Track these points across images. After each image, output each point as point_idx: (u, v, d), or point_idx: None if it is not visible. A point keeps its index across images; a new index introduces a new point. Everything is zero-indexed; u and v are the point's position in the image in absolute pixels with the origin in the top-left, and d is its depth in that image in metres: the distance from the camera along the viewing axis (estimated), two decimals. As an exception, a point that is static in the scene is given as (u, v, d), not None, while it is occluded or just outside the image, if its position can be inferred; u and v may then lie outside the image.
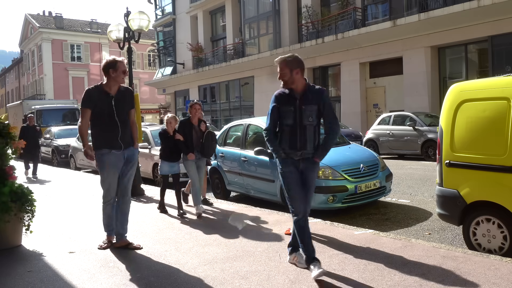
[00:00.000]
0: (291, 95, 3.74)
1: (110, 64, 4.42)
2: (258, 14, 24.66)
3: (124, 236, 4.72)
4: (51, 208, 7.33)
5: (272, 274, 3.74)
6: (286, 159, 3.74)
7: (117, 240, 4.72)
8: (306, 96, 3.73)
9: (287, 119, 3.71)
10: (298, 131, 3.70)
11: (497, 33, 14.84)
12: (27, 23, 49.39)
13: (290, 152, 3.73)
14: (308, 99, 3.72)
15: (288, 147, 3.73)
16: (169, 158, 6.53)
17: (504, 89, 4.13)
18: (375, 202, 6.96)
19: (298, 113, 3.68)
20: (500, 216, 4.11)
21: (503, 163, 3.99)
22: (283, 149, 3.74)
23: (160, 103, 39.45)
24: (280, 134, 3.79)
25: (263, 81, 24.35)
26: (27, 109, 23.96)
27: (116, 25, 9.06)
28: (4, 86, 63.94)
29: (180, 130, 6.42)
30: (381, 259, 3.98)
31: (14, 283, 3.81)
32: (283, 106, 3.72)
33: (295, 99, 3.71)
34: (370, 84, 19.95)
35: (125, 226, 4.74)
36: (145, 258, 4.37)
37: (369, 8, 19.30)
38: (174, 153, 6.47)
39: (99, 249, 4.65)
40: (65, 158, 16.25)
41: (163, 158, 6.58)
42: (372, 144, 14.29)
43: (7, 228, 4.82)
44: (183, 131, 6.37)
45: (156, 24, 33.77)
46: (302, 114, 3.68)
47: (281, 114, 3.72)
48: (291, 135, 3.72)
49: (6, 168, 4.90)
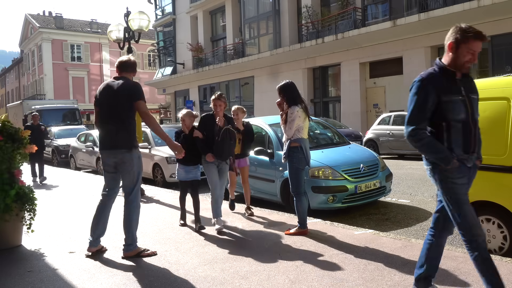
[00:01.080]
0: (454, 79, 2.82)
1: None
2: (258, 14, 24.66)
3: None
4: (51, 208, 7.33)
5: (272, 274, 3.74)
6: (460, 167, 2.79)
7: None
8: (467, 81, 2.89)
9: (457, 112, 2.76)
10: (471, 128, 2.80)
11: (497, 33, 14.83)
12: (27, 23, 49.40)
13: (463, 158, 2.80)
14: (472, 85, 2.91)
15: (462, 150, 2.80)
16: (186, 162, 5.48)
17: (504, 89, 4.13)
18: (375, 202, 6.96)
19: (469, 104, 2.80)
20: (500, 216, 4.11)
21: (503, 163, 3.99)
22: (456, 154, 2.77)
23: (160, 103, 39.49)
24: (445, 134, 2.79)
25: (263, 81, 24.35)
26: (27, 109, 23.97)
27: (116, 25, 9.07)
28: (4, 86, 63.95)
29: (200, 126, 5.43)
30: (381, 259, 3.98)
31: (14, 283, 3.81)
32: (445, 94, 2.75)
33: (460, 86, 2.81)
34: (370, 84, 19.95)
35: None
36: (145, 258, 4.36)
37: (369, 8, 19.30)
38: (192, 155, 5.37)
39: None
40: (65, 158, 16.27)
41: (180, 161, 5.56)
42: (372, 144, 14.28)
43: (7, 228, 4.83)
44: (204, 127, 5.37)
45: (156, 24, 33.78)
46: (473, 105, 2.84)
47: (444, 106, 2.74)
48: (464, 135, 2.79)
49: (15, 171, 4.91)
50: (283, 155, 5.05)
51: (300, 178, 4.98)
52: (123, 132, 4.29)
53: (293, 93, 4.99)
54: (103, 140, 4.43)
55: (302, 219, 5.01)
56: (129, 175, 4.35)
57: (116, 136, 4.29)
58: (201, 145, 5.30)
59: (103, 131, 4.43)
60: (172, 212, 6.61)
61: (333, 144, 7.42)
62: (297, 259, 4.10)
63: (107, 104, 4.34)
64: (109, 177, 4.49)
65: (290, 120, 4.85)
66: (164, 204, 7.40)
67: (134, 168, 4.34)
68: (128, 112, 4.30)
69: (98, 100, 4.45)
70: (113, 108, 4.29)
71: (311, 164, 6.13)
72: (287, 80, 5.11)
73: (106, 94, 4.38)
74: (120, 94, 4.27)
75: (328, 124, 8.65)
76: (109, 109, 4.32)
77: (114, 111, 4.29)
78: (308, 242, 4.63)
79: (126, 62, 4.49)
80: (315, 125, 7.97)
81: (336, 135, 7.87)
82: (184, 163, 5.52)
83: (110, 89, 4.36)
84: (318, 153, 6.54)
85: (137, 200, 4.43)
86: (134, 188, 4.38)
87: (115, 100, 4.28)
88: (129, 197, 4.39)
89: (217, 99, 5.32)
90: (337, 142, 7.57)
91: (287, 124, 4.89)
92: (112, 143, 4.31)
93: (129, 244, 4.42)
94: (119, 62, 4.50)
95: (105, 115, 4.36)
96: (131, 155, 4.31)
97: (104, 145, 4.42)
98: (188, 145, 5.22)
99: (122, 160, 4.30)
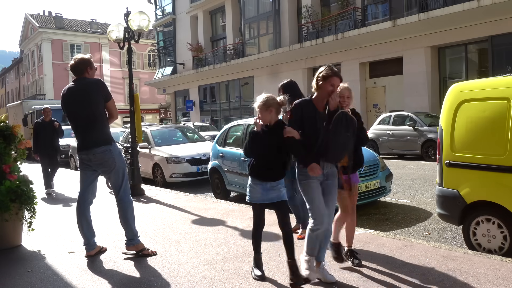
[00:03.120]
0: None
1: None
2: (258, 14, 24.66)
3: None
4: (51, 208, 7.33)
5: (272, 274, 3.74)
6: None
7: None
8: None
9: None
10: None
11: (497, 33, 14.83)
12: (27, 23, 49.39)
13: None
14: None
15: None
16: (264, 174, 3.54)
17: (504, 89, 4.13)
18: (375, 202, 6.95)
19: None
20: (500, 216, 4.11)
21: (503, 163, 3.99)
22: None
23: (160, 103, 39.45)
24: None
25: (263, 81, 24.34)
26: (27, 109, 23.98)
27: (116, 25, 9.06)
28: (4, 86, 63.93)
29: (295, 121, 3.46)
30: (381, 259, 3.98)
31: (14, 283, 3.81)
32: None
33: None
34: (370, 84, 19.95)
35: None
36: (145, 258, 4.36)
37: (369, 8, 19.29)
38: (274, 166, 3.52)
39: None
40: (65, 158, 16.25)
41: (253, 173, 3.58)
42: (372, 144, 14.28)
43: (7, 228, 4.82)
44: (300, 122, 3.44)
45: (156, 24, 33.76)
46: None
47: None
48: None
49: (3, 166, 4.87)
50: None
51: None
52: (97, 130, 4.31)
53: (295, 92, 4.74)
54: (79, 142, 4.44)
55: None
56: (114, 173, 4.38)
57: (91, 134, 4.31)
58: (300, 150, 3.39)
59: (77, 132, 4.43)
60: (172, 212, 6.61)
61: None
62: (297, 259, 4.09)
63: (76, 105, 4.33)
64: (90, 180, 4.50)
65: None
66: (164, 204, 7.39)
67: (117, 165, 4.37)
68: (101, 110, 4.35)
69: (65, 104, 4.42)
70: (83, 108, 4.31)
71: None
72: (289, 79, 5.00)
73: (71, 96, 4.37)
74: (89, 93, 4.30)
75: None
76: (80, 109, 4.32)
77: (84, 111, 4.31)
78: (308, 242, 4.62)
79: (78, 63, 4.42)
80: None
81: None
82: (262, 178, 3.53)
83: (76, 91, 4.35)
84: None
85: (128, 195, 4.48)
86: (122, 185, 4.42)
87: (86, 98, 4.29)
88: (119, 194, 4.42)
89: (331, 76, 3.42)
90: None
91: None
92: (89, 143, 4.33)
93: (131, 239, 4.43)
94: (72, 66, 4.45)
95: (74, 116, 4.39)
96: (112, 151, 4.35)
97: (80, 146, 4.42)
98: (269, 151, 3.48)
99: (104, 158, 4.32)
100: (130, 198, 4.52)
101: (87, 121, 4.31)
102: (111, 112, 4.45)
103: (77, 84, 4.39)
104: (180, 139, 12.00)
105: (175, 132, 12.47)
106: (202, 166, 9.96)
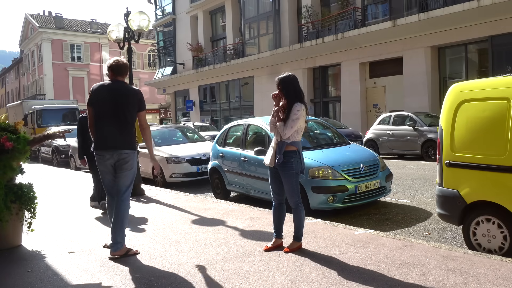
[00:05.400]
0: None
1: None
2: (258, 14, 24.67)
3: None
4: (51, 208, 7.32)
5: (272, 274, 3.74)
6: None
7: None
8: None
9: None
10: None
11: (497, 33, 14.84)
12: (27, 23, 49.40)
13: None
14: None
15: None
16: None
17: (504, 89, 4.13)
18: (375, 202, 6.95)
19: None
20: (500, 216, 4.11)
21: (503, 163, 3.99)
22: None
23: (160, 103, 39.49)
24: None
25: (263, 81, 24.34)
26: (27, 109, 23.99)
27: (116, 25, 9.07)
28: (4, 86, 63.94)
29: None
30: (381, 259, 3.98)
31: (14, 283, 3.81)
32: None
33: None
34: (370, 84, 19.96)
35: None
36: (145, 258, 4.37)
37: (369, 8, 19.30)
38: None
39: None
40: (65, 158, 16.25)
41: None
42: (372, 144, 14.28)
43: (7, 228, 4.82)
44: None
45: (156, 24, 33.78)
46: None
47: None
48: None
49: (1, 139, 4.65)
50: (275, 159, 4.26)
51: (298, 186, 4.41)
52: (128, 134, 4.41)
53: (296, 87, 4.30)
54: (104, 140, 4.39)
55: (301, 232, 4.43)
56: (128, 174, 4.44)
57: (120, 136, 4.35)
58: None
59: (104, 131, 4.38)
60: (172, 212, 6.61)
61: (333, 144, 7.42)
62: (297, 259, 4.10)
63: (114, 105, 4.33)
64: (108, 179, 4.49)
65: (294, 118, 4.14)
66: (164, 204, 7.39)
67: (134, 168, 4.48)
68: (134, 116, 4.46)
69: (99, 99, 4.39)
70: (119, 109, 4.33)
71: (312, 164, 6.15)
72: (289, 73, 4.47)
73: (111, 95, 4.37)
74: (130, 97, 4.39)
75: (328, 124, 8.64)
76: (116, 110, 4.33)
77: (121, 112, 4.33)
78: (308, 242, 4.62)
79: (123, 66, 4.50)
80: (315, 125, 7.97)
81: (336, 135, 7.87)
82: None
83: (117, 91, 4.38)
84: (318, 153, 6.54)
85: (129, 199, 4.55)
86: (129, 187, 4.50)
87: (125, 101, 4.36)
88: (124, 195, 4.42)
89: None
90: (337, 142, 7.57)
91: (288, 122, 4.15)
92: (116, 143, 4.35)
93: (118, 243, 4.36)
94: (116, 65, 4.46)
95: (107, 115, 4.35)
96: (134, 155, 4.48)
97: (105, 145, 4.39)
98: None
99: (126, 160, 4.38)
100: (129, 203, 4.60)
101: (120, 123, 4.35)
102: (142, 122, 4.56)
103: (118, 85, 4.45)
104: (180, 139, 11.99)
105: (175, 132, 12.47)
106: (202, 166, 9.96)
